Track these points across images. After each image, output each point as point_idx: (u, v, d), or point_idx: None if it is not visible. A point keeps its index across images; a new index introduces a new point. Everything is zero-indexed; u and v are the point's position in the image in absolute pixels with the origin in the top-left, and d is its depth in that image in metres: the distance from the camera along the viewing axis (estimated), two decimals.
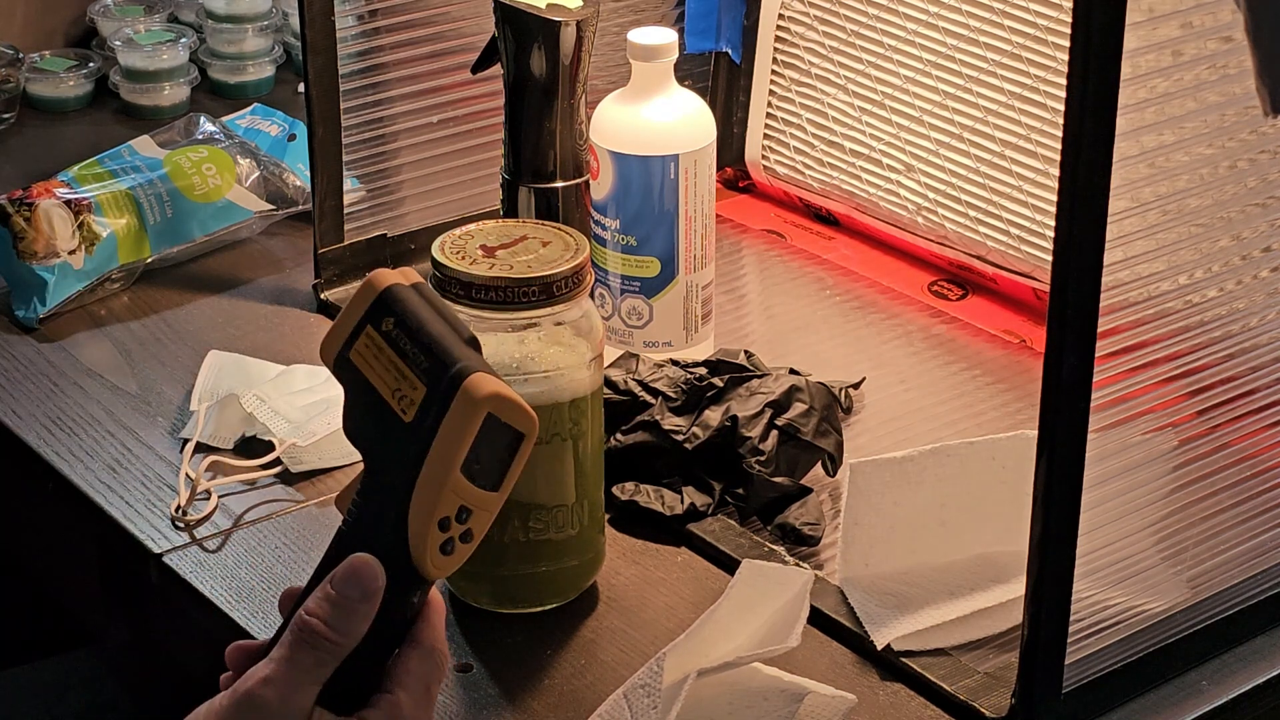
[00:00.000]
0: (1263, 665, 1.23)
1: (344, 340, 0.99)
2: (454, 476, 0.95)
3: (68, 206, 1.61)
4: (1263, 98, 1.08)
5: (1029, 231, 1.56)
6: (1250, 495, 1.19)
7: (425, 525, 0.96)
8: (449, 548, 0.97)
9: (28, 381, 1.52)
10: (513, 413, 0.96)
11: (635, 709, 1.11)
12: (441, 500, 0.95)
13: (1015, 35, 1.53)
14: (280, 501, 1.38)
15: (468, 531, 0.97)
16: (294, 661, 0.96)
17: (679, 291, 1.49)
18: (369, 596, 0.96)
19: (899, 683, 1.21)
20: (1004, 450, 1.25)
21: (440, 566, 0.97)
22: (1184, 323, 1.11)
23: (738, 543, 1.32)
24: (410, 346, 0.97)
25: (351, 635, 0.96)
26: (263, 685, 0.95)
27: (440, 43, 1.63)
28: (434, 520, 0.96)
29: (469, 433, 0.95)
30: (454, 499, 0.96)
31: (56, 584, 1.68)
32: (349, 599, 0.96)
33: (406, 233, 1.65)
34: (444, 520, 0.96)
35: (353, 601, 0.96)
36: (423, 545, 0.96)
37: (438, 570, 0.97)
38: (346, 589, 0.96)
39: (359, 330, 0.99)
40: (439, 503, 0.95)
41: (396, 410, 0.97)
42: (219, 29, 2.00)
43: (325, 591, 0.97)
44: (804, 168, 1.74)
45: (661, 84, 1.47)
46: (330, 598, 0.96)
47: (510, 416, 0.96)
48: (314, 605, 0.96)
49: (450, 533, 0.96)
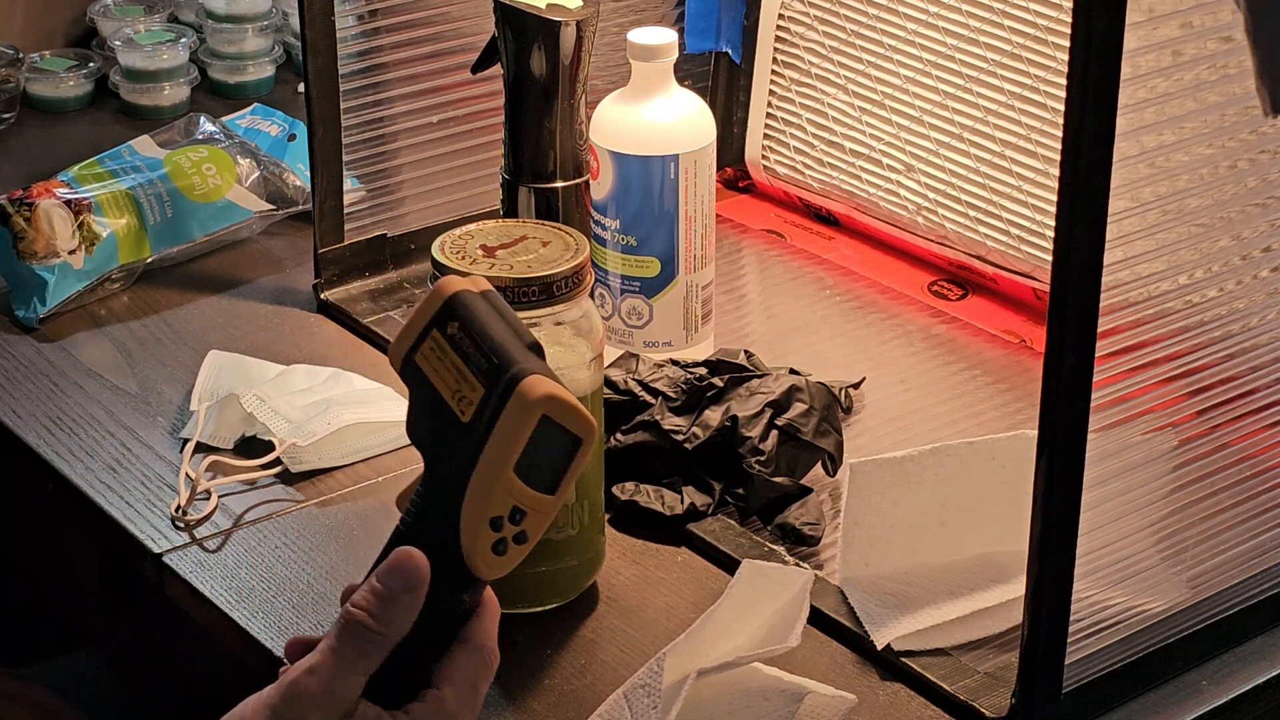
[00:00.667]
0: (1263, 665, 1.23)
1: (410, 344, 1.00)
2: (507, 476, 0.96)
3: (68, 206, 1.61)
4: (1263, 98, 1.08)
5: (1029, 231, 1.56)
6: (1250, 495, 1.19)
7: (477, 523, 0.96)
8: (501, 548, 0.98)
9: (28, 381, 1.53)
10: (570, 416, 0.97)
11: (635, 709, 1.11)
12: (493, 499, 0.96)
13: (1015, 35, 1.53)
14: (280, 501, 1.38)
15: (521, 533, 0.98)
16: (339, 652, 0.97)
17: (679, 291, 1.49)
18: (412, 589, 0.97)
19: (899, 683, 1.21)
20: (1004, 450, 1.25)
21: (492, 566, 0.98)
22: (1184, 323, 1.11)
23: (738, 543, 1.32)
24: (472, 349, 0.98)
25: (395, 627, 0.97)
26: (307, 674, 0.97)
27: (440, 43, 1.63)
28: (485, 518, 0.97)
29: (523, 433, 0.96)
30: (507, 499, 0.97)
31: (56, 584, 1.68)
32: (392, 591, 0.97)
33: (406, 233, 1.65)
34: (496, 519, 0.97)
35: (396, 593, 0.97)
36: (474, 543, 0.97)
37: (489, 570, 0.98)
38: (390, 581, 0.97)
39: (425, 334, 1.00)
40: (491, 501, 0.96)
41: (455, 411, 0.98)
42: (219, 29, 2.01)
43: (370, 584, 0.98)
44: (804, 168, 1.74)
45: (661, 84, 1.47)
46: (375, 590, 0.97)
47: (567, 420, 0.97)
48: (359, 597, 0.98)
49: (503, 533, 0.97)
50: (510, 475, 0.96)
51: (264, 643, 1.25)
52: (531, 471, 0.97)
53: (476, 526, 0.97)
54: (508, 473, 0.96)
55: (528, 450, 0.96)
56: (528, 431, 0.96)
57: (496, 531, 0.97)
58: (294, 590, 1.29)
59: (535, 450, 0.96)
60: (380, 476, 1.41)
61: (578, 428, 0.97)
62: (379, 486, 1.40)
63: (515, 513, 0.97)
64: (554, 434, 0.97)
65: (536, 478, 0.97)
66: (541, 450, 0.97)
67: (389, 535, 1.00)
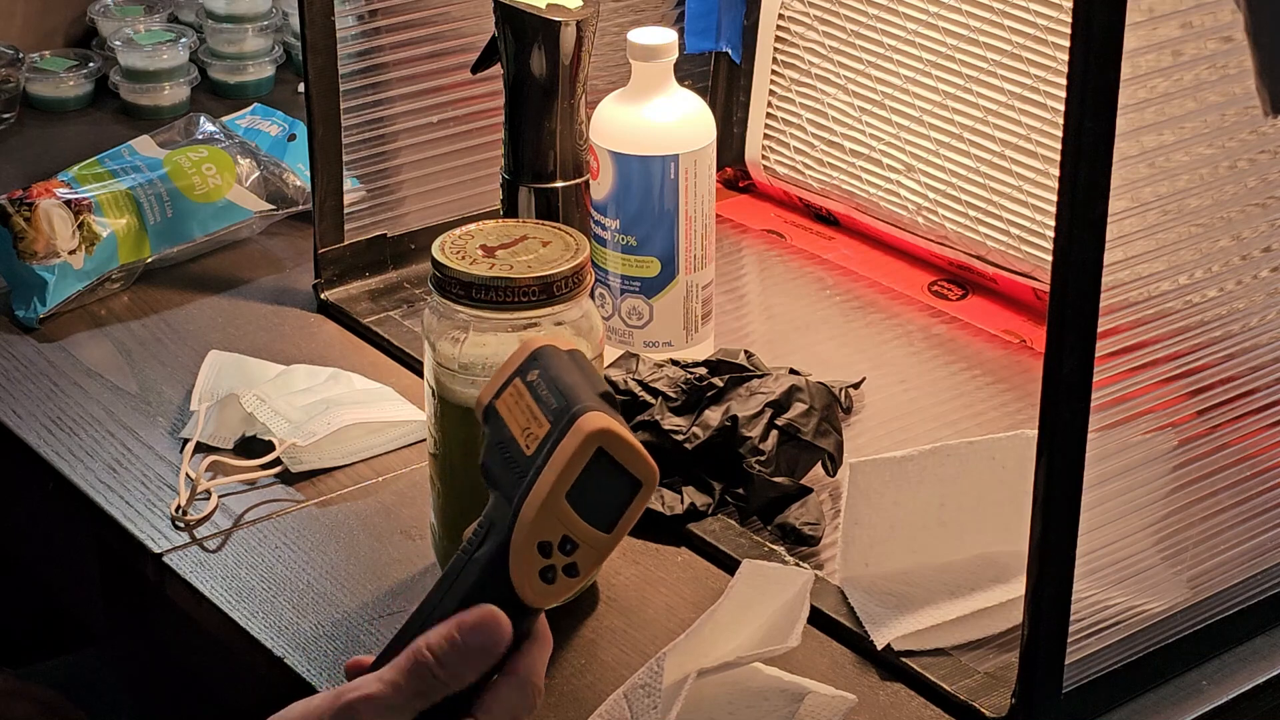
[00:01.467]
0: (1263, 665, 1.23)
1: (494, 392, 1.02)
2: (557, 502, 0.97)
3: (68, 206, 1.61)
4: (1263, 98, 1.08)
5: (1029, 231, 1.56)
6: (1250, 495, 1.19)
7: (526, 546, 0.97)
8: (550, 576, 0.97)
9: (28, 381, 1.52)
10: (629, 456, 0.98)
11: (635, 709, 1.11)
12: (541, 521, 0.97)
13: (1015, 35, 1.53)
14: (280, 501, 1.38)
15: (572, 565, 0.98)
16: (400, 687, 0.95)
17: (679, 291, 1.49)
18: (489, 651, 0.96)
19: (899, 683, 1.21)
20: (1004, 450, 1.25)
21: (539, 593, 0.97)
22: (1184, 323, 1.11)
23: (738, 543, 1.32)
24: (546, 393, 1.00)
25: (462, 681, 0.96)
26: (365, 702, 0.95)
27: (440, 43, 1.63)
28: (534, 542, 0.97)
29: (577, 462, 0.97)
30: (557, 526, 0.97)
31: (56, 584, 1.68)
32: (470, 648, 0.96)
33: (406, 233, 1.65)
34: (545, 545, 0.97)
35: (473, 651, 0.96)
36: (521, 566, 0.97)
37: (536, 597, 0.97)
38: (471, 638, 0.96)
39: (508, 383, 1.02)
40: (539, 525, 0.97)
41: (522, 445, 0.99)
42: (219, 29, 2.01)
43: (450, 632, 0.96)
44: (804, 168, 1.74)
45: (661, 84, 1.47)
46: (453, 641, 0.96)
47: (626, 459, 0.98)
48: (435, 640, 0.96)
49: (552, 560, 0.97)
50: (562, 503, 0.97)
51: (264, 643, 1.25)
52: (586, 505, 0.97)
53: (525, 549, 0.97)
54: (559, 499, 0.97)
55: (583, 482, 0.97)
56: (581, 461, 0.97)
57: (545, 558, 0.97)
58: (294, 590, 1.29)
59: (590, 483, 0.97)
60: (380, 476, 1.41)
61: (638, 470, 0.98)
62: (379, 486, 1.40)
63: (566, 542, 0.97)
64: (611, 471, 0.98)
65: (592, 513, 0.98)
66: (598, 485, 0.98)
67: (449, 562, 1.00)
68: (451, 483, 1.25)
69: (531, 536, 0.97)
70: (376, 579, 1.30)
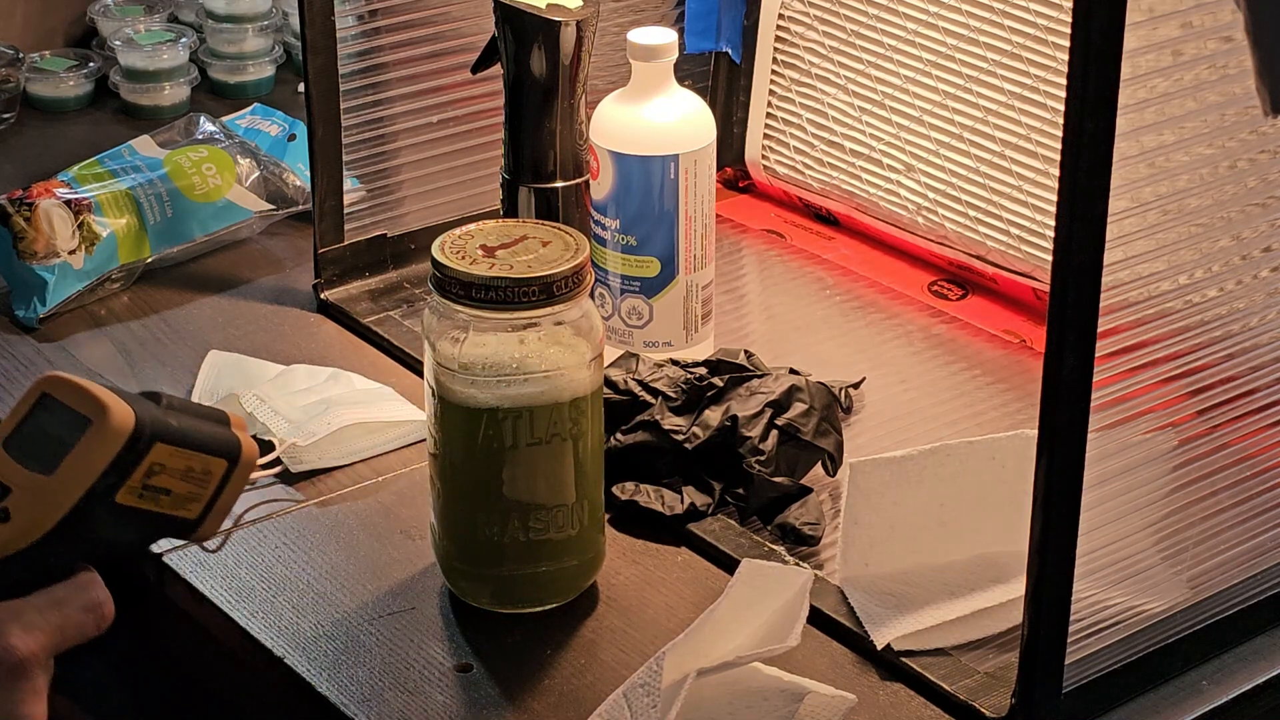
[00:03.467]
0: (1263, 665, 1.23)
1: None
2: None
3: (68, 206, 1.61)
4: (1263, 98, 1.08)
5: (1029, 231, 1.56)
6: (1250, 495, 1.19)
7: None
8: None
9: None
10: (78, 398, 1.00)
11: (635, 709, 1.11)
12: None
13: (1015, 35, 1.53)
14: (280, 501, 1.38)
15: (3, 511, 1.00)
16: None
17: (679, 291, 1.49)
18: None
19: (899, 683, 1.21)
20: (1004, 450, 1.25)
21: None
22: (1184, 323, 1.11)
23: (738, 543, 1.32)
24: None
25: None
26: None
27: (440, 43, 1.63)
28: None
29: (19, 410, 1.01)
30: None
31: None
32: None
33: (406, 233, 1.65)
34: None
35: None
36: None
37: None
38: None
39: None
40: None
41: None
42: (219, 29, 2.01)
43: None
44: (804, 168, 1.74)
45: (661, 84, 1.47)
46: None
47: (74, 401, 1.00)
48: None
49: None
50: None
51: (264, 643, 1.25)
52: (27, 451, 1.00)
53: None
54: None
55: (25, 428, 1.01)
56: (24, 408, 1.01)
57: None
58: (294, 590, 1.29)
59: (34, 429, 1.00)
60: (380, 476, 1.41)
61: (86, 409, 1.00)
62: (379, 486, 1.40)
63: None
64: (57, 413, 1.00)
65: (32, 457, 1.00)
66: (42, 430, 1.00)
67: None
68: (451, 483, 1.25)
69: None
70: (376, 579, 1.30)
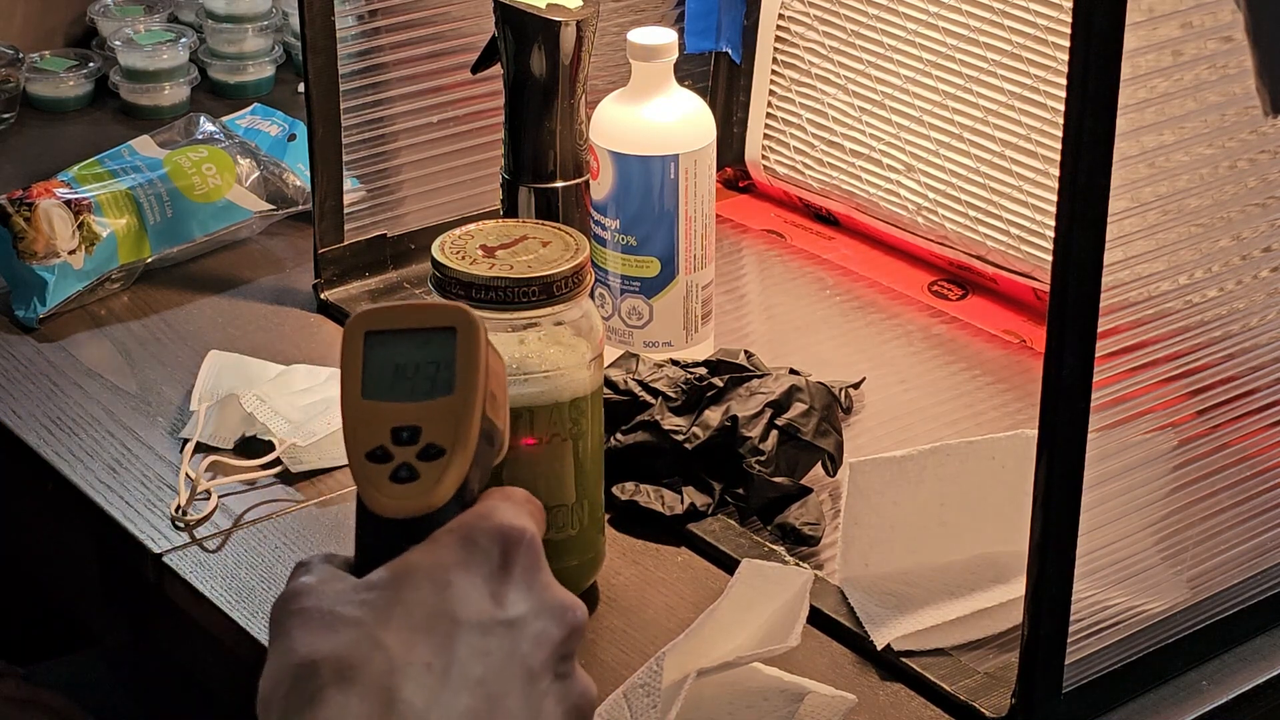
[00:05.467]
0: (1263, 665, 1.23)
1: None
2: (355, 406, 0.91)
3: (68, 206, 1.61)
4: (1263, 98, 1.08)
5: (1029, 231, 1.56)
6: (1250, 495, 1.19)
7: (356, 464, 0.89)
8: (405, 474, 0.89)
9: (28, 381, 1.52)
10: (419, 317, 0.91)
11: (635, 709, 1.11)
12: (354, 434, 0.90)
13: (1015, 35, 1.53)
14: (280, 501, 1.38)
15: (428, 449, 0.89)
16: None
17: (679, 291, 1.49)
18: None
19: (899, 683, 1.21)
20: (1004, 450, 1.25)
21: (399, 497, 0.88)
22: (1184, 323, 1.11)
23: (738, 543, 1.32)
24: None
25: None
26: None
27: (440, 43, 1.63)
28: (360, 456, 0.89)
29: (352, 358, 0.92)
30: (374, 425, 0.90)
31: (56, 584, 1.68)
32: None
33: (406, 233, 1.65)
34: (375, 452, 0.90)
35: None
36: (364, 482, 0.89)
37: (398, 503, 0.88)
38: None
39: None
40: (355, 437, 0.90)
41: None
42: (219, 29, 2.01)
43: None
44: (804, 168, 1.74)
45: (661, 84, 1.47)
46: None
47: (417, 321, 0.91)
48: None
49: (395, 460, 0.89)
50: (362, 404, 0.90)
51: (264, 643, 1.25)
52: (401, 388, 0.91)
53: (356, 466, 0.89)
54: (355, 402, 0.91)
55: (375, 370, 0.91)
56: (356, 355, 0.92)
57: (386, 462, 0.89)
58: None
59: (387, 366, 0.91)
60: None
61: (443, 321, 0.91)
62: None
63: (400, 433, 0.90)
64: (406, 343, 0.91)
65: (414, 390, 0.90)
66: (397, 364, 0.91)
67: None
68: None
69: (356, 454, 0.89)
70: None
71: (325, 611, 0.84)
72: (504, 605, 0.85)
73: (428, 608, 0.84)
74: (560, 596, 0.86)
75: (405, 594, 0.84)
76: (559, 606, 0.85)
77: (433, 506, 0.89)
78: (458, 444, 0.89)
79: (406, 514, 0.88)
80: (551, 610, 0.85)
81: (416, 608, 0.84)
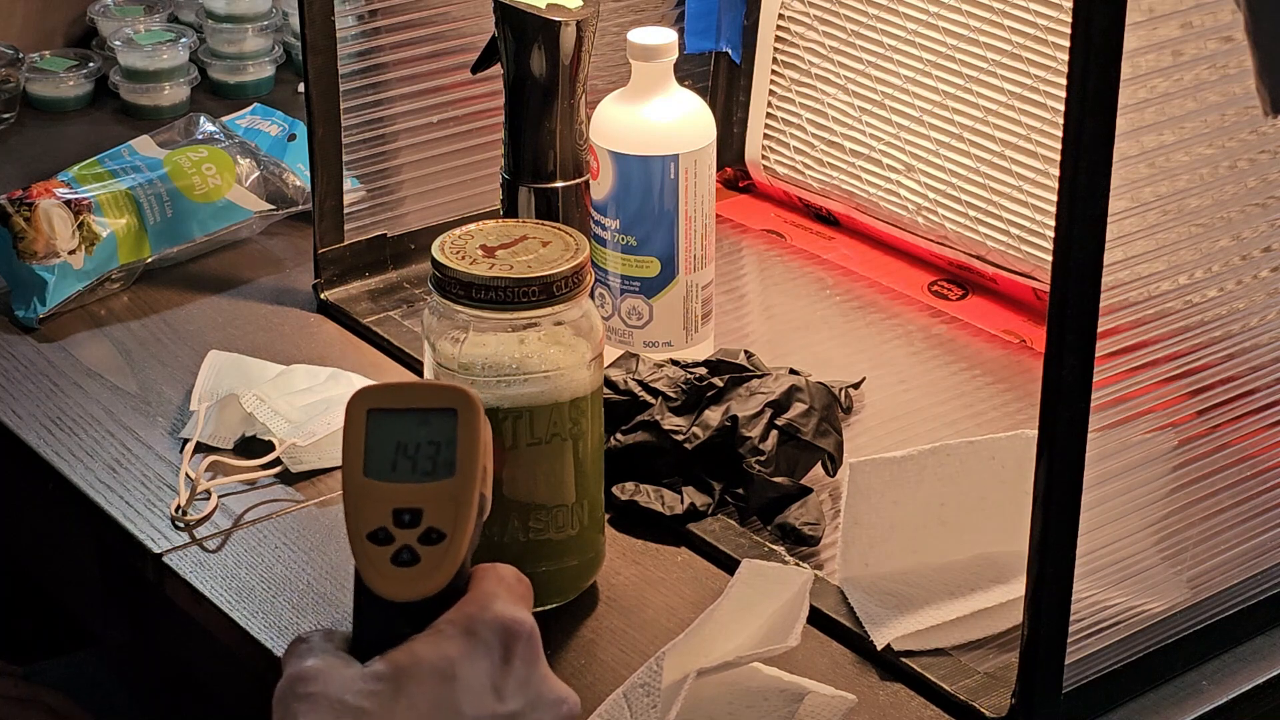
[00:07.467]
0: (1263, 665, 1.23)
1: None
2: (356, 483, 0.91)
3: (68, 206, 1.61)
4: (1263, 98, 1.08)
5: (1029, 231, 1.56)
6: (1250, 495, 1.19)
7: (357, 544, 0.90)
8: (406, 557, 0.90)
9: (28, 381, 1.52)
10: (421, 396, 0.92)
11: (635, 709, 1.11)
12: (358, 513, 0.90)
13: (1015, 35, 1.53)
14: (280, 501, 1.38)
15: (429, 532, 0.90)
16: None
17: (679, 291, 1.49)
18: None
19: (899, 683, 1.21)
20: (1004, 450, 1.25)
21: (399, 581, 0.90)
22: (1184, 323, 1.11)
23: (738, 543, 1.32)
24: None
25: None
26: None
27: (440, 43, 1.63)
28: (361, 536, 0.90)
29: (354, 435, 0.91)
30: (376, 504, 0.90)
31: (56, 584, 1.68)
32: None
33: (406, 233, 1.65)
34: (376, 534, 0.90)
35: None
36: (367, 568, 0.90)
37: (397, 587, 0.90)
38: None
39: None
40: (356, 517, 0.91)
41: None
42: (219, 29, 2.01)
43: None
44: (804, 168, 1.74)
45: (661, 84, 1.47)
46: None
47: (419, 401, 0.91)
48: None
49: (397, 542, 0.90)
50: (365, 482, 0.90)
51: (264, 643, 1.25)
52: (402, 469, 0.91)
53: (357, 547, 0.90)
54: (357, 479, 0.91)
55: (376, 450, 0.91)
56: (358, 432, 0.91)
57: (387, 544, 0.90)
58: (294, 590, 1.29)
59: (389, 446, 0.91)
60: None
61: (444, 402, 0.91)
62: None
63: (402, 515, 0.90)
64: (408, 422, 0.91)
65: (414, 471, 0.91)
66: (399, 442, 0.91)
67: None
68: None
69: (358, 534, 0.90)
70: None
71: (334, 700, 0.86)
72: (504, 699, 0.89)
73: (432, 701, 0.87)
74: (556, 690, 0.91)
75: (410, 687, 0.87)
76: (555, 700, 0.91)
77: (433, 591, 0.90)
78: (458, 527, 0.91)
79: (408, 598, 0.90)
80: (548, 704, 0.91)
81: (421, 700, 0.87)
